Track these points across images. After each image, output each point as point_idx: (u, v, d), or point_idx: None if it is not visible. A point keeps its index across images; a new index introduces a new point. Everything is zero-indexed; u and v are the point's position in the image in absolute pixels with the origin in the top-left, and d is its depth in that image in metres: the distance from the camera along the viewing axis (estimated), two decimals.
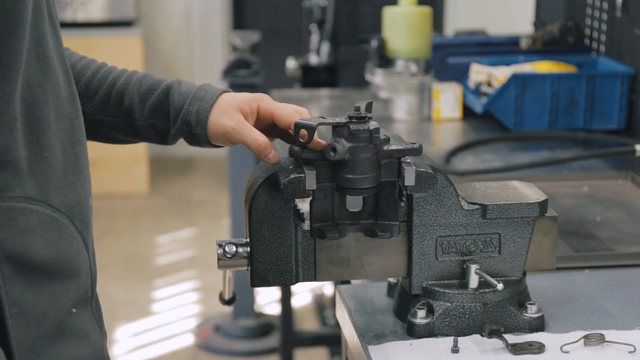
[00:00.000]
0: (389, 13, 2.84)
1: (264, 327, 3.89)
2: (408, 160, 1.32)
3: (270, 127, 1.36)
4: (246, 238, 1.35)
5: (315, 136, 1.28)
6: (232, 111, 1.32)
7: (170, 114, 1.35)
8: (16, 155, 1.08)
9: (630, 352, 1.31)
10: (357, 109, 1.30)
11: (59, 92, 1.15)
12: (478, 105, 2.73)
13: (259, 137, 1.30)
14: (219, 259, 1.35)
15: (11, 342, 1.08)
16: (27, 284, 1.09)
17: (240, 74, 3.72)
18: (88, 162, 1.21)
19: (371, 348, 1.33)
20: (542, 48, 3.00)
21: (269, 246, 1.33)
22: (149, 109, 1.36)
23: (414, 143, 1.32)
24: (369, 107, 1.31)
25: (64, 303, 1.13)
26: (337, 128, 1.29)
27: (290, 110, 1.33)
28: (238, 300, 1.47)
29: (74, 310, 1.15)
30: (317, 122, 1.28)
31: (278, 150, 1.37)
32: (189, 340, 3.89)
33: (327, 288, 3.99)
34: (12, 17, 1.06)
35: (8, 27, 1.06)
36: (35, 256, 1.10)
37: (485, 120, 2.77)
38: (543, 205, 1.38)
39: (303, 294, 4.23)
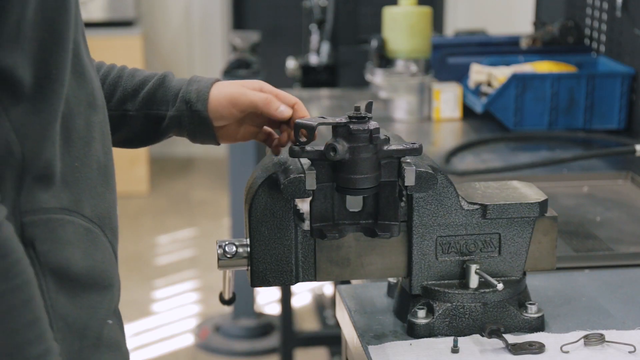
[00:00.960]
0: (389, 13, 2.84)
1: (264, 327, 3.89)
2: (408, 160, 1.32)
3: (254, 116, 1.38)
4: (246, 238, 1.35)
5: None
6: (233, 85, 1.35)
7: (166, 100, 1.35)
8: (54, 169, 1.08)
9: (630, 352, 1.31)
10: (357, 109, 1.30)
11: (92, 101, 1.14)
12: (478, 105, 2.73)
13: (266, 94, 1.32)
14: (219, 259, 1.35)
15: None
16: (68, 297, 1.08)
17: (240, 74, 3.72)
18: (114, 171, 1.20)
19: (371, 348, 1.33)
20: (542, 48, 3.00)
21: (269, 246, 1.33)
22: (143, 98, 1.36)
23: (414, 143, 1.32)
24: (369, 107, 1.31)
25: (101, 314, 1.13)
26: (337, 128, 1.29)
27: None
28: (238, 300, 1.47)
29: (110, 322, 1.15)
30: (317, 122, 1.28)
31: None
32: (189, 340, 3.89)
33: (327, 288, 3.99)
34: (60, 30, 1.06)
35: (56, 41, 1.05)
36: (75, 268, 1.09)
37: (485, 120, 2.77)
38: (543, 205, 1.38)
39: (303, 294, 4.22)
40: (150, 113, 1.36)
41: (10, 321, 0.97)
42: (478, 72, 2.82)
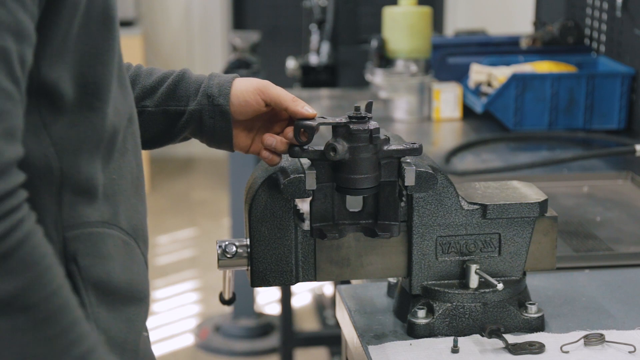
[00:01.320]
0: (389, 13, 2.84)
1: (264, 327, 3.89)
2: (408, 160, 1.32)
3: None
4: (246, 238, 1.35)
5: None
6: (257, 80, 1.34)
7: (187, 95, 1.33)
8: (96, 182, 1.07)
9: (630, 352, 1.31)
10: (357, 109, 1.30)
11: (132, 113, 1.14)
12: (478, 105, 2.73)
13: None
14: (219, 259, 1.35)
15: None
16: (109, 310, 1.07)
17: (241, 74, 3.71)
18: (144, 181, 1.19)
19: (371, 348, 1.33)
20: (542, 48, 3.00)
21: (269, 246, 1.33)
22: (162, 93, 1.33)
23: (414, 143, 1.32)
24: (369, 107, 1.31)
25: (138, 327, 1.12)
26: (337, 128, 1.29)
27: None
28: (238, 300, 1.47)
29: (145, 334, 1.14)
30: (317, 122, 1.28)
31: None
32: (189, 340, 3.89)
33: (327, 288, 3.99)
34: (104, 44, 1.05)
35: (100, 55, 1.05)
36: (115, 281, 1.08)
37: (485, 120, 2.77)
38: (543, 205, 1.38)
39: (303, 294, 4.23)
40: (169, 109, 1.33)
41: (50, 328, 0.95)
42: (478, 72, 2.82)
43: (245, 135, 1.35)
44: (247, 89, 1.32)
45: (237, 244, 1.35)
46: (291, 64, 3.65)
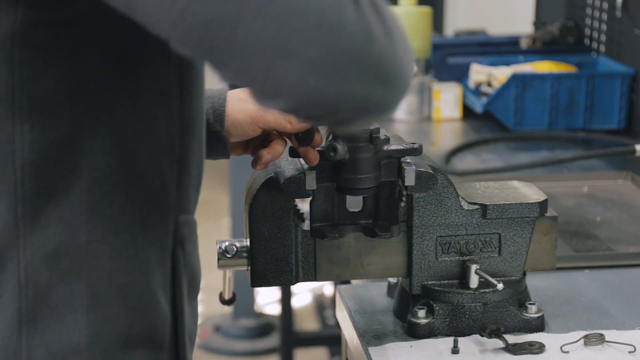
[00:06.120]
0: None
1: (264, 327, 3.89)
2: (408, 160, 1.32)
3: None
4: (246, 238, 1.35)
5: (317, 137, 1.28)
6: (250, 98, 1.32)
7: None
8: (202, 167, 1.06)
9: (630, 352, 1.31)
10: None
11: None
12: (478, 105, 2.73)
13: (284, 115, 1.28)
14: (219, 259, 1.35)
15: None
16: (190, 301, 1.06)
17: None
18: None
19: (371, 349, 1.33)
20: (542, 48, 3.00)
21: (269, 246, 1.33)
22: None
23: (414, 143, 1.32)
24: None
25: (197, 320, 1.10)
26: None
27: None
28: (238, 300, 1.47)
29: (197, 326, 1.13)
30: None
31: None
32: None
33: (327, 288, 3.99)
34: None
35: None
36: (198, 272, 1.07)
37: (485, 120, 2.77)
38: (543, 205, 1.38)
39: (303, 294, 4.22)
40: None
41: None
42: (478, 72, 2.82)
43: (241, 147, 1.35)
44: (244, 120, 1.28)
45: (237, 244, 1.35)
46: None
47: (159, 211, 1.00)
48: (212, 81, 1.36)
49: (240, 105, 1.29)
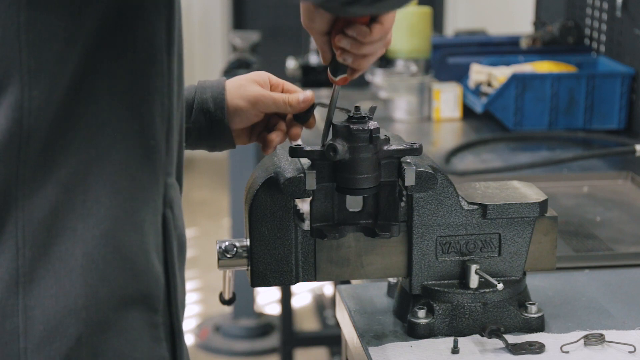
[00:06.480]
0: None
1: (264, 327, 3.89)
2: (408, 160, 1.32)
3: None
4: (246, 238, 1.35)
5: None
6: (248, 84, 1.33)
7: None
8: (184, 135, 1.07)
9: (630, 352, 1.31)
10: (358, 109, 1.30)
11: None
12: (478, 105, 2.73)
13: (290, 94, 1.31)
14: (219, 259, 1.35)
15: (182, 330, 1.04)
16: (179, 268, 1.05)
17: (240, 74, 3.72)
18: None
19: (371, 349, 1.33)
20: (542, 48, 3.00)
21: (269, 246, 1.33)
22: None
23: (414, 143, 1.32)
24: (372, 111, 1.31)
25: (184, 286, 1.09)
26: (337, 128, 1.29)
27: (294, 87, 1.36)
28: (238, 300, 1.47)
29: None
30: (317, 102, 1.32)
31: (278, 152, 1.38)
32: (189, 340, 3.89)
33: (327, 288, 3.99)
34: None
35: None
36: (184, 237, 1.07)
37: (485, 120, 2.77)
38: (543, 205, 1.38)
39: (303, 294, 4.22)
40: None
41: None
42: (478, 72, 2.82)
43: (245, 133, 1.37)
44: (245, 106, 1.31)
45: (237, 244, 1.35)
46: (291, 64, 3.65)
47: (152, 172, 1.00)
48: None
49: (240, 92, 1.32)
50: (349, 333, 1.45)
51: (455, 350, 1.31)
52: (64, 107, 0.95)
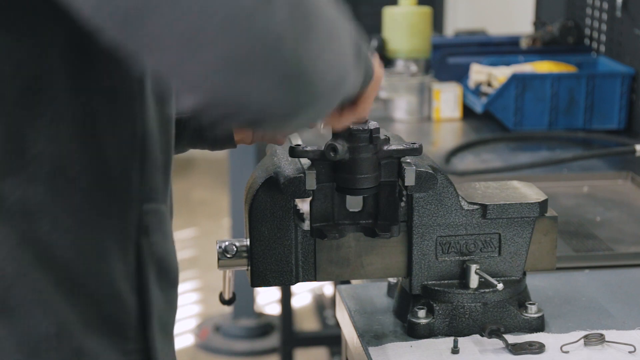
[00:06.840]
0: (389, 13, 2.84)
1: (264, 327, 3.89)
2: (408, 160, 1.32)
3: None
4: (246, 238, 1.35)
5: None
6: None
7: (180, 118, 1.31)
8: (170, 156, 1.05)
9: (630, 352, 1.31)
10: None
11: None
12: (478, 105, 2.73)
13: None
14: (219, 259, 1.35)
15: (158, 355, 1.04)
16: (161, 291, 1.04)
17: None
18: None
19: (371, 349, 1.33)
20: (542, 48, 3.00)
21: (269, 246, 1.33)
22: None
23: (414, 143, 1.32)
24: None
25: (175, 309, 1.09)
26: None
27: None
28: (238, 300, 1.47)
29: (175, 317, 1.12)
30: None
31: (278, 152, 1.38)
32: (189, 340, 3.89)
33: (327, 288, 3.99)
34: None
35: None
36: (172, 262, 1.06)
37: (485, 120, 2.77)
38: (543, 205, 1.38)
39: (303, 294, 4.23)
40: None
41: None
42: (478, 72, 2.82)
43: (247, 132, 1.36)
44: None
45: (237, 244, 1.35)
46: None
47: (120, 200, 0.99)
48: None
49: None
50: (349, 333, 1.45)
51: (455, 350, 1.31)
52: (23, 135, 0.93)
